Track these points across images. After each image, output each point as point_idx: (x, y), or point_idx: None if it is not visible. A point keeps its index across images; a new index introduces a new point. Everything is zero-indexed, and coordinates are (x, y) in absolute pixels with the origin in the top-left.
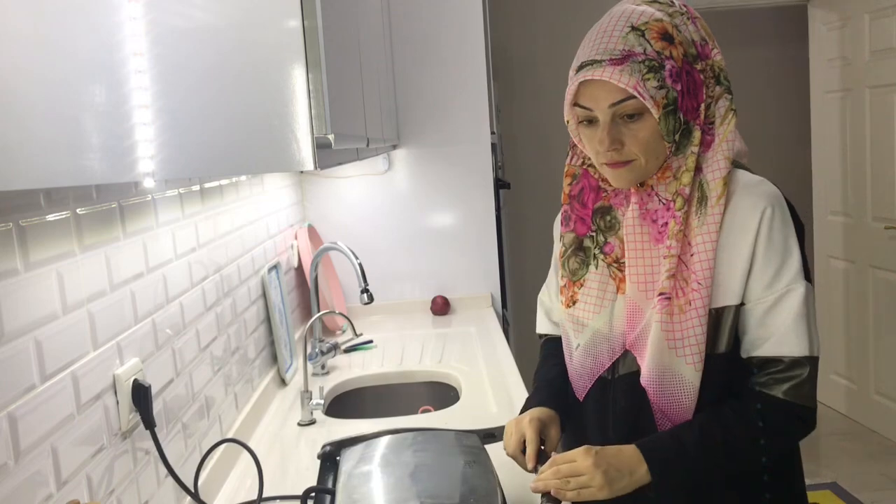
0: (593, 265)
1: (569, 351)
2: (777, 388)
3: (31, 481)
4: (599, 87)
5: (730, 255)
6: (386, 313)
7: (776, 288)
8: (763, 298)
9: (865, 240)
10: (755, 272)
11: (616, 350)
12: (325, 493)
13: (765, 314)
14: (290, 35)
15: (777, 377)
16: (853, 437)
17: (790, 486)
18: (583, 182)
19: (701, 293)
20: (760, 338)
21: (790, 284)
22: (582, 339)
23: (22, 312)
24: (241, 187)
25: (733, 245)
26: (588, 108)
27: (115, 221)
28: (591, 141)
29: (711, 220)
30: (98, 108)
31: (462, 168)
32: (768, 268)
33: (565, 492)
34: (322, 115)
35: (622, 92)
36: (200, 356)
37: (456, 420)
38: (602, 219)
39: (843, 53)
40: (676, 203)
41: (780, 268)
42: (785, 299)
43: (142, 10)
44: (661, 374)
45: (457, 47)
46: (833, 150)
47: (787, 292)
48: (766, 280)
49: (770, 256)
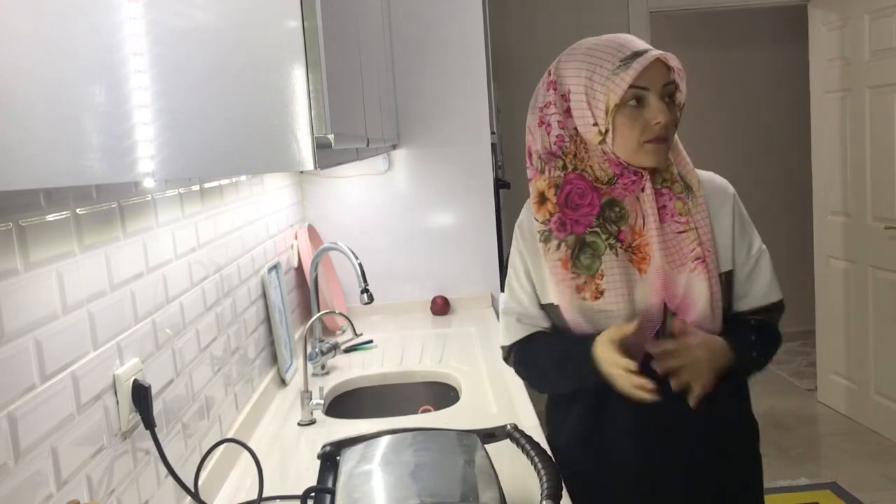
0: (611, 253)
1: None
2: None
3: (31, 481)
4: (654, 68)
5: (718, 230)
6: (386, 313)
7: (752, 254)
8: (746, 263)
9: (865, 240)
10: (737, 243)
11: (657, 320)
12: (325, 493)
13: (750, 273)
14: (290, 35)
15: (765, 318)
16: (853, 437)
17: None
18: (568, 187)
19: (712, 259)
20: (750, 293)
21: (759, 249)
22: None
23: (22, 312)
24: (241, 187)
25: (718, 222)
26: (645, 87)
27: (115, 221)
28: (635, 121)
29: (701, 203)
30: (98, 108)
31: (462, 168)
32: (744, 239)
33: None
34: (322, 115)
35: (668, 75)
36: (200, 356)
37: (456, 420)
38: (611, 211)
39: (843, 53)
40: (675, 188)
41: (751, 238)
42: (760, 262)
43: (142, 10)
44: (699, 327)
45: (457, 47)
46: (833, 150)
47: (760, 256)
48: (745, 249)
49: (744, 230)
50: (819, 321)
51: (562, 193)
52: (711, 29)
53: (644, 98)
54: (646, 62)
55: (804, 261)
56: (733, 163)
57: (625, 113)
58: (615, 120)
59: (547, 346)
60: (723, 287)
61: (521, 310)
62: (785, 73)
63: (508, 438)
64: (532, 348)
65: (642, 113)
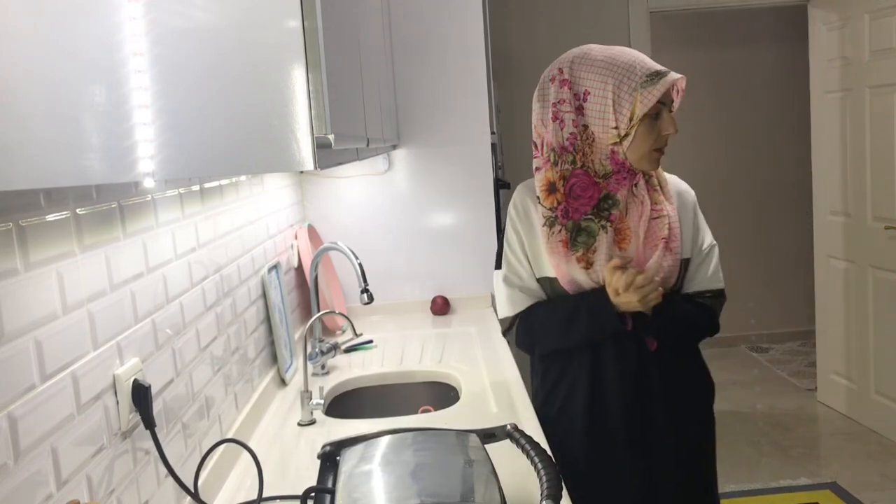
0: (603, 233)
1: None
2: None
3: (31, 481)
4: (676, 87)
5: (682, 225)
6: (386, 313)
7: (703, 248)
8: (699, 255)
9: (865, 240)
10: (693, 238)
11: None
12: (325, 493)
13: (700, 264)
14: (290, 35)
15: (708, 301)
16: (853, 437)
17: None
18: (573, 180)
19: (678, 245)
20: (697, 279)
21: (710, 244)
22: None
23: (22, 312)
24: (241, 187)
25: (682, 218)
26: (664, 102)
27: (115, 221)
28: (652, 130)
29: (670, 198)
30: (98, 108)
31: (462, 168)
32: (700, 234)
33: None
34: (322, 115)
35: (671, 94)
36: (200, 356)
37: (456, 420)
38: (606, 201)
39: (843, 53)
40: (652, 182)
41: (705, 235)
42: (710, 255)
43: (142, 10)
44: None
45: (457, 47)
46: (833, 150)
47: (711, 249)
48: (700, 242)
49: (700, 225)
50: (819, 321)
51: (567, 184)
52: (711, 29)
53: (661, 112)
54: (671, 82)
55: (804, 261)
56: (733, 162)
57: (646, 123)
58: (637, 128)
59: (553, 307)
60: (679, 271)
61: (521, 282)
62: (785, 73)
63: (508, 438)
64: (537, 313)
65: (657, 125)
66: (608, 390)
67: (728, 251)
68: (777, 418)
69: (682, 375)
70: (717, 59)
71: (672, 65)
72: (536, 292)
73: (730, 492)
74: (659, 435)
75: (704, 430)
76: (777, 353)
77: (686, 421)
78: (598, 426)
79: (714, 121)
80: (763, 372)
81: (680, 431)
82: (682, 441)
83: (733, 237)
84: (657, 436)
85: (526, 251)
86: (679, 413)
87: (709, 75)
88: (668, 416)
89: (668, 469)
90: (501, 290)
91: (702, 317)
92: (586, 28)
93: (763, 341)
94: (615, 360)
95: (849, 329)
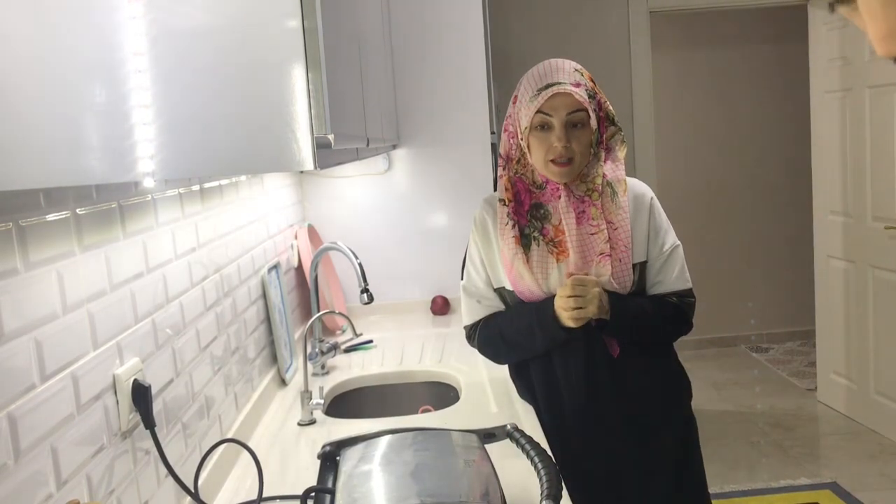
0: (534, 244)
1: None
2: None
3: (31, 481)
4: (560, 99)
5: (636, 228)
6: (386, 313)
7: (665, 250)
8: (660, 256)
9: (865, 240)
10: (651, 239)
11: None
12: (325, 493)
13: (662, 266)
14: (290, 35)
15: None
16: (853, 437)
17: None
18: (518, 185)
19: (627, 253)
20: (661, 281)
21: (672, 245)
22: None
23: (22, 312)
24: (241, 187)
25: (636, 221)
26: (549, 114)
27: (115, 221)
28: (542, 143)
29: (623, 206)
30: (98, 107)
31: (462, 168)
32: (658, 237)
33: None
34: (322, 115)
35: (575, 105)
36: (200, 356)
37: (456, 420)
38: (537, 211)
39: (843, 53)
40: (592, 196)
41: (665, 236)
42: (672, 255)
43: (142, 10)
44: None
45: (457, 47)
46: (833, 150)
47: (673, 250)
48: (659, 244)
49: (658, 229)
50: (819, 321)
51: (513, 189)
52: (711, 29)
53: (549, 123)
54: (548, 95)
55: (804, 261)
56: (733, 162)
57: (535, 135)
58: (529, 139)
59: (509, 318)
60: (637, 274)
61: (479, 293)
62: (785, 73)
63: (508, 438)
64: (497, 322)
65: (548, 136)
66: (559, 394)
67: (728, 251)
68: (777, 418)
69: (645, 377)
70: (717, 59)
71: (672, 65)
72: (494, 301)
73: (730, 492)
74: (621, 439)
75: (679, 432)
76: (777, 352)
77: (650, 423)
78: (558, 429)
79: (713, 121)
80: (763, 372)
81: (644, 434)
82: (650, 444)
83: (733, 237)
84: (617, 440)
85: (484, 262)
86: (644, 415)
87: (709, 75)
88: (626, 419)
89: (638, 473)
90: (463, 300)
91: (666, 316)
92: (586, 28)
93: (763, 341)
94: (562, 364)
95: (849, 329)
